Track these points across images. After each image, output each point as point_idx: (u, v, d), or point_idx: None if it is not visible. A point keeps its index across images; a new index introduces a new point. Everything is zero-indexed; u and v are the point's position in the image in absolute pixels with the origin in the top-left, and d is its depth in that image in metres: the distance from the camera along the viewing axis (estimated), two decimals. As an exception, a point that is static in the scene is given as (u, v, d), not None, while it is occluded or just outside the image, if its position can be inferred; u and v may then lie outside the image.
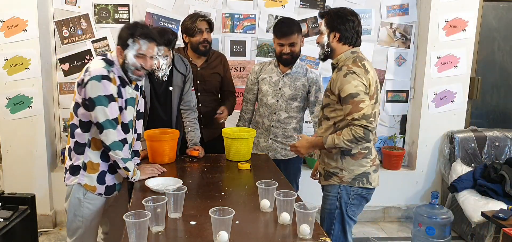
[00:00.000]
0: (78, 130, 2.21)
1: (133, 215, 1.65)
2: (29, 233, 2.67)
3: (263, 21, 3.78)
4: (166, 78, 2.72)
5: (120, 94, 2.18)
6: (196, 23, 2.95)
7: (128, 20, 3.66)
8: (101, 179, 2.27)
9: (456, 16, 3.84)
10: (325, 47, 2.34)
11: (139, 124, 2.50)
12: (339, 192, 2.33)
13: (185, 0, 3.69)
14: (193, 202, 2.07)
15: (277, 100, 2.96)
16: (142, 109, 2.50)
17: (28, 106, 3.48)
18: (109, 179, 2.29)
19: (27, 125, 3.52)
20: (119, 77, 2.19)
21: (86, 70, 2.14)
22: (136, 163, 2.50)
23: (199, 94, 3.06)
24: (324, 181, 2.41)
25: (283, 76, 2.95)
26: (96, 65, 2.14)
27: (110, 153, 2.17)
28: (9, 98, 3.47)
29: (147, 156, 2.70)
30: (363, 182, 2.32)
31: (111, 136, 2.14)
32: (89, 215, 2.30)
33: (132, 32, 2.12)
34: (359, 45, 2.36)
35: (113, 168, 2.27)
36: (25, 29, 3.42)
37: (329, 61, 2.40)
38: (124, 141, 2.20)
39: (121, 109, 2.19)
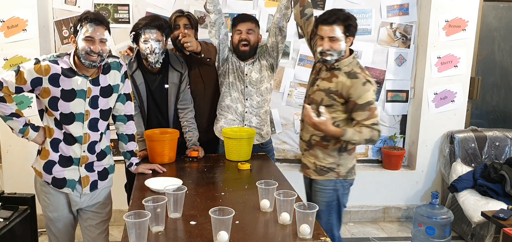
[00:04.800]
0: None
1: (133, 215, 1.65)
2: (29, 233, 2.67)
3: (263, 21, 3.76)
4: (159, 66, 2.68)
5: (55, 83, 2.14)
6: (173, 18, 2.91)
7: (128, 20, 3.66)
8: (48, 168, 2.23)
9: (456, 16, 3.84)
10: (342, 53, 2.37)
11: (129, 106, 2.45)
12: (336, 186, 2.48)
13: (185, 0, 3.69)
14: (193, 202, 2.07)
15: (247, 86, 2.93)
16: (128, 91, 2.43)
17: (28, 106, 3.47)
18: (58, 171, 2.23)
19: (27, 124, 3.51)
20: (66, 68, 2.16)
21: None
22: (135, 163, 2.51)
23: None
24: (318, 176, 2.50)
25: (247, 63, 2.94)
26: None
27: None
28: (9, 98, 3.47)
29: (147, 156, 2.70)
30: (353, 173, 2.53)
31: None
32: (49, 209, 2.30)
33: (80, 18, 2.13)
34: None
35: (65, 160, 2.24)
36: (25, 29, 3.41)
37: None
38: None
39: (56, 99, 2.15)
